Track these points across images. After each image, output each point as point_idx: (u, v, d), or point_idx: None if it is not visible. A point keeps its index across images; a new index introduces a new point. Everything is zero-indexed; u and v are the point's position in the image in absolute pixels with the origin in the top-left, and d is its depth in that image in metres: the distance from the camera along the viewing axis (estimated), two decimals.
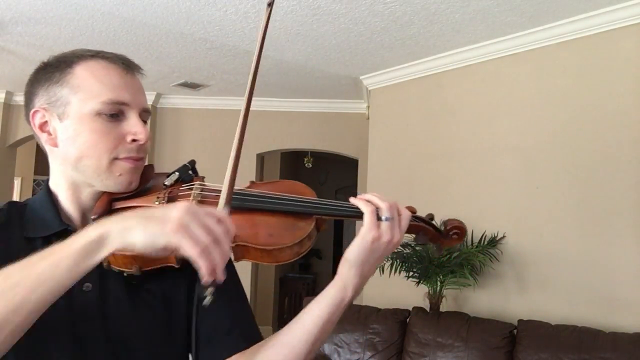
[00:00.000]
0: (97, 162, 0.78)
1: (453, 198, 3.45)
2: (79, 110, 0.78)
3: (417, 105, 3.81)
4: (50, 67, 0.81)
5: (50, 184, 0.85)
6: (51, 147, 0.81)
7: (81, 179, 0.81)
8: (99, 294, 0.77)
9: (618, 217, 2.74)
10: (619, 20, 2.78)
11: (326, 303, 0.78)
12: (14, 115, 5.41)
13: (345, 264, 0.79)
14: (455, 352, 2.83)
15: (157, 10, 3.03)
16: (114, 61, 0.81)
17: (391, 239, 0.78)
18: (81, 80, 0.78)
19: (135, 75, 0.83)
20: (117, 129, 0.79)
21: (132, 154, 0.80)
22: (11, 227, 0.79)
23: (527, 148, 3.14)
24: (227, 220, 0.64)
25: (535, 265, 3.01)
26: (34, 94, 0.81)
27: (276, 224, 0.79)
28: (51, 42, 3.67)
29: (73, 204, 0.83)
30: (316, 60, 3.80)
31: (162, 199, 0.80)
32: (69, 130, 0.78)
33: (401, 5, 2.83)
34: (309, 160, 6.38)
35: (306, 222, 0.81)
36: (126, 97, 0.79)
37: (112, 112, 0.78)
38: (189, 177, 0.85)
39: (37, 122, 0.80)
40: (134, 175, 0.82)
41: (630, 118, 2.74)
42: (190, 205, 0.62)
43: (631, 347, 2.42)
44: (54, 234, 0.78)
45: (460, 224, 0.89)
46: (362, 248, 0.77)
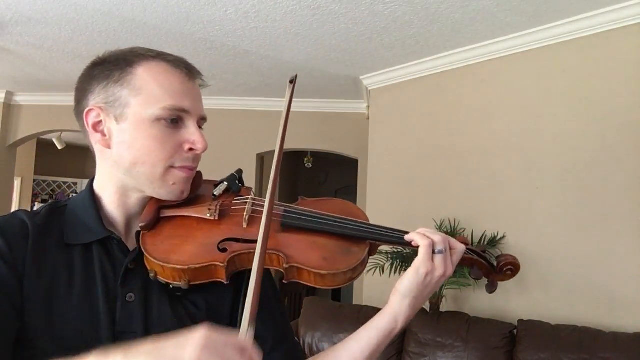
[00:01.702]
0: (152, 170, 0.75)
1: (453, 198, 3.45)
2: (138, 114, 0.75)
3: (417, 105, 3.81)
4: (109, 64, 0.77)
5: (94, 185, 0.82)
6: (102, 148, 0.77)
7: (132, 184, 0.78)
8: (142, 305, 0.73)
9: (618, 217, 2.74)
10: (619, 20, 2.78)
11: (376, 333, 0.78)
12: (14, 115, 5.41)
13: (397, 295, 0.79)
14: (455, 352, 2.83)
15: (157, 10, 3.03)
16: (177, 65, 0.78)
17: (444, 273, 0.78)
18: (143, 83, 0.75)
19: (196, 81, 0.80)
20: (176, 137, 0.76)
21: (187, 163, 0.78)
22: (49, 232, 0.75)
23: (527, 148, 3.14)
24: (253, 350, 0.53)
25: (535, 265, 3.01)
26: (89, 91, 0.77)
27: (331, 248, 0.78)
28: (51, 42, 3.67)
29: (119, 209, 0.79)
30: (316, 60, 3.80)
31: (214, 211, 0.78)
32: (125, 134, 0.75)
33: (401, 5, 2.83)
34: (309, 160, 6.39)
35: (360, 247, 0.79)
36: (187, 104, 0.76)
37: (172, 118, 0.75)
38: (237, 188, 0.84)
39: (91, 121, 0.77)
40: (187, 184, 0.80)
41: (630, 118, 2.74)
42: (212, 335, 0.50)
43: (631, 347, 2.42)
44: (95, 241, 0.76)
45: (515, 260, 0.87)
46: (415, 281, 0.77)
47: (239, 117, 5.09)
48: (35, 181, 8.37)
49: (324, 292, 8.06)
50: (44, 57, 4.00)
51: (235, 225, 0.79)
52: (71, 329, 0.69)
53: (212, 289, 0.77)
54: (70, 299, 0.71)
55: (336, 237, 0.79)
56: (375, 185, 4.03)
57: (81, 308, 0.71)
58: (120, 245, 0.77)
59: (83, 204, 0.80)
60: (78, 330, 0.69)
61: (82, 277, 0.73)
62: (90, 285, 0.72)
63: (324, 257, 0.76)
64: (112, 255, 0.76)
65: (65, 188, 8.88)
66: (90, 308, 0.71)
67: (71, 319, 0.70)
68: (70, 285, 0.72)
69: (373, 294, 3.70)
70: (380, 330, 0.78)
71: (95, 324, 0.70)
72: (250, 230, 0.78)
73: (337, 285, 0.76)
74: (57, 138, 6.69)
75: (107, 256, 0.76)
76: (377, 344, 0.78)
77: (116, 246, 0.77)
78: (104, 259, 0.75)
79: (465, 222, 3.29)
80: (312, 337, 3.26)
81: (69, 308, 0.70)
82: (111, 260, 0.75)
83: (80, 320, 0.70)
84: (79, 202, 0.81)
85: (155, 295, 0.75)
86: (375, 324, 0.79)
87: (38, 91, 5.21)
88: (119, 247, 0.77)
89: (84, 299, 0.71)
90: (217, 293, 0.78)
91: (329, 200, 0.88)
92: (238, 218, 0.79)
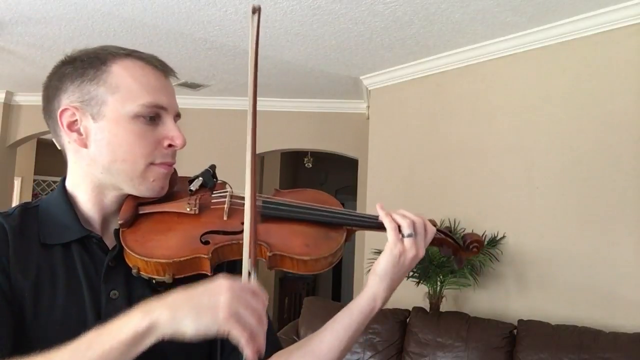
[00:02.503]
0: (133, 167, 0.75)
1: (453, 198, 3.45)
2: (116, 111, 0.74)
3: (417, 105, 3.81)
4: (81, 62, 0.77)
5: (67, 184, 0.80)
6: (78, 147, 0.77)
7: (109, 182, 0.77)
8: (126, 301, 0.73)
9: (618, 217, 2.74)
10: (619, 20, 2.77)
11: (358, 312, 0.81)
12: (14, 115, 5.41)
13: (374, 277, 0.82)
14: (455, 352, 2.83)
15: (157, 10, 3.03)
16: (150, 62, 0.78)
17: (416, 254, 0.81)
18: (119, 80, 0.75)
19: (170, 78, 0.81)
20: (154, 133, 0.76)
21: (167, 159, 0.78)
22: (26, 233, 0.74)
23: (527, 148, 3.14)
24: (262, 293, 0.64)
25: (535, 265, 3.01)
26: (62, 90, 0.76)
27: (311, 234, 0.80)
28: (51, 42, 3.67)
29: (95, 207, 0.79)
30: (316, 60, 3.80)
31: (193, 205, 0.79)
32: (104, 131, 0.74)
33: (401, 5, 2.83)
34: (309, 160, 6.38)
35: (338, 232, 0.82)
36: (164, 100, 0.77)
37: (151, 115, 0.75)
38: (212, 182, 0.84)
39: (66, 120, 0.76)
40: (166, 180, 0.80)
41: (630, 118, 2.74)
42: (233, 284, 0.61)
43: (631, 347, 2.42)
44: (74, 240, 0.75)
45: (479, 238, 0.93)
46: (388, 262, 0.81)
47: (239, 117, 5.08)
48: (35, 181, 8.37)
49: (324, 292, 8.07)
50: (44, 57, 4.00)
51: (216, 218, 0.80)
52: (58, 328, 0.69)
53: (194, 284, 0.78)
54: (56, 296, 0.71)
55: (315, 225, 0.82)
56: (375, 185, 4.03)
57: (67, 307, 0.71)
58: (99, 243, 0.77)
59: (57, 203, 0.79)
60: (65, 329, 0.68)
61: (65, 277, 0.73)
62: (74, 284, 0.73)
63: (306, 244, 0.78)
64: (92, 253, 0.76)
65: None
66: (76, 304, 0.71)
67: (58, 315, 0.70)
68: (54, 285, 0.72)
69: None
70: (360, 310, 0.81)
71: (82, 322, 0.70)
72: (230, 222, 0.79)
73: (318, 271, 0.79)
74: None
75: (88, 255, 0.75)
76: (359, 322, 0.81)
77: (95, 245, 0.76)
78: (84, 257, 0.75)
79: (465, 222, 3.29)
80: None
81: (56, 305, 0.70)
82: (92, 259, 0.75)
83: (67, 318, 0.70)
84: (51, 202, 0.80)
85: (138, 291, 0.75)
86: (356, 304, 0.82)
87: (38, 91, 5.10)
88: (98, 245, 0.76)
89: (69, 298, 0.71)
90: None
91: (304, 191, 0.90)
92: (218, 211, 0.81)
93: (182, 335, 0.59)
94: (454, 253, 0.93)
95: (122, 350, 0.58)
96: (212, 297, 0.59)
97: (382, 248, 0.83)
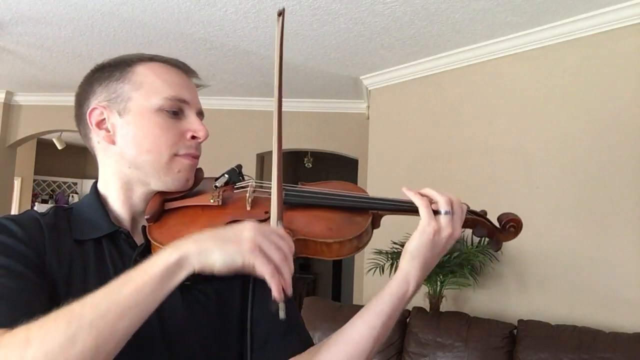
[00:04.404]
0: (158, 157, 0.78)
1: None
2: (140, 106, 0.78)
3: (417, 105, 3.81)
4: (109, 66, 0.81)
5: (99, 185, 0.84)
6: (107, 145, 0.80)
7: (136, 177, 0.80)
8: None
9: (618, 217, 2.74)
10: (619, 20, 2.78)
11: (389, 298, 0.76)
12: (14, 115, 5.41)
13: (406, 257, 0.77)
14: (455, 352, 2.83)
15: (157, 10, 3.03)
16: (173, 64, 0.83)
17: (452, 233, 0.77)
18: (143, 77, 0.79)
19: (192, 78, 0.85)
20: (178, 126, 0.79)
21: (191, 150, 0.81)
22: (59, 230, 0.77)
23: (527, 148, 3.14)
24: (289, 238, 0.67)
25: (535, 265, 3.01)
26: (91, 93, 0.81)
27: (335, 218, 0.80)
28: (51, 42, 3.67)
29: (124, 205, 0.81)
30: (316, 60, 3.80)
31: (217, 197, 0.81)
32: (129, 125, 0.78)
33: (401, 5, 2.83)
34: (309, 160, 6.38)
35: (363, 217, 0.81)
36: (186, 95, 0.80)
37: (174, 109, 0.79)
38: (237, 180, 0.86)
39: (95, 119, 0.79)
40: (191, 172, 0.82)
41: (630, 118, 2.74)
42: (258, 224, 0.65)
43: (631, 347, 2.42)
44: (104, 235, 0.77)
45: (516, 217, 0.87)
46: (422, 241, 0.76)
47: (239, 117, 5.09)
48: (35, 181, 8.37)
49: (324, 292, 8.06)
50: (43, 57, 4.00)
51: (239, 209, 0.81)
52: None
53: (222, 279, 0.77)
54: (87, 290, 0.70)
55: (339, 210, 0.81)
56: (375, 185, 4.03)
57: None
58: (128, 239, 0.79)
59: (89, 204, 0.82)
60: None
61: (95, 271, 0.74)
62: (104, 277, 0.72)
63: (329, 228, 0.78)
64: (121, 249, 0.78)
65: (65, 188, 8.88)
66: None
67: None
68: (86, 277, 0.73)
69: (373, 294, 3.69)
70: (392, 294, 0.76)
71: None
72: (253, 211, 0.80)
73: (344, 255, 0.77)
74: (57, 138, 6.69)
75: (116, 250, 0.77)
76: (391, 308, 0.76)
77: (124, 240, 0.78)
78: (113, 252, 0.77)
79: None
80: (312, 337, 3.24)
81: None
82: (120, 254, 0.77)
83: None
84: (84, 203, 0.83)
85: None
86: (387, 288, 0.78)
87: (38, 91, 5.21)
88: (126, 241, 0.79)
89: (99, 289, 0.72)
90: (226, 282, 0.79)
91: (328, 182, 0.90)
92: (241, 201, 0.82)
93: (211, 268, 0.62)
94: (489, 235, 0.88)
95: (154, 286, 0.60)
96: (238, 232, 0.64)
97: (382, 248, 0.82)
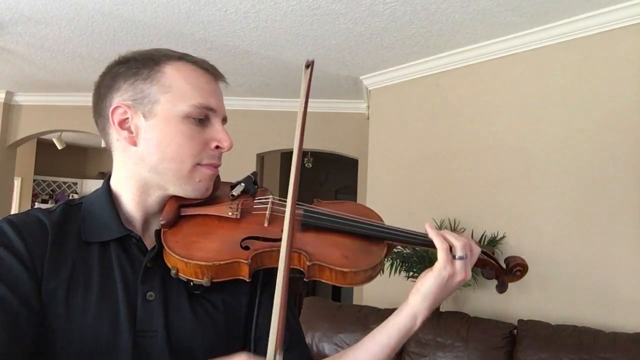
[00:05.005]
0: (180, 166, 0.76)
1: (453, 198, 3.45)
2: (167, 111, 0.75)
3: (417, 105, 3.81)
4: (135, 61, 0.78)
5: (112, 182, 0.81)
6: (126, 145, 0.77)
7: (155, 181, 0.78)
8: (162, 304, 0.73)
9: (618, 217, 2.74)
10: (619, 20, 2.77)
11: (396, 332, 0.80)
12: (14, 115, 5.41)
13: (418, 296, 0.81)
14: (455, 352, 2.83)
15: (157, 10, 3.03)
16: (202, 66, 0.80)
17: (464, 277, 0.80)
18: (172, 81, 0.76)
19: (219, 82, 0.83)
20: (203, 135, 0.78)
21: (213, 160, 0.79)
22: (67, 228, 0.75)
23: (527, 148, 3.14)
24: None
25: (535, 265, 2.99)
26: (114, 89, 0.77)
27: (351, 247, 0.80)
28: (51, 42, 3.67)
29: (138, 207, 0.79)
30: (316, 60, 3.78)
31: (235, 210, 0.80)
32: (154, 130, 0.75)
33: (401, 5, 2.83)
34: (309, 160, 6.38)
35: (379, 246, 0.81)
36: (213, 102, 0.79)
37: (200, 117, 0.77)
38: (253, 189, 0.85)
39: (117, 118, 0.76)
40: (211, 182, 0.81)
41: (630, 118, 2.74)
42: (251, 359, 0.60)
43: (631, 347, 2.42)
44: (113, 239, 0.75)
45: (523, 262, 0.89)
46: (436, 284, 0.79)
47: (239, 117, 5.07)
48: (35, 181, 8.37)
49: (324, 292, 8.06)
50: (43, 57, 4.00)
51: (256, 224, 0.80)
52: (91, 328, 0.69)
53: (229, 289, 0.78)
54: (89, 298, 0.70)
55: (355, 237, 0.81)
56: (375, 185, 4.03)
57: (100, 307, 0.70)
58: (138, 243, 0.77)
59: (100, 201, 0.79)
60: (97, 329, 0.69)
61: (100, 276, 0.72)
62: (109, 284, 0.72)
63: (345, 256, 0.78)
64: (130, 253, 0.76)
65: (65, 188, 8.88)
66: (109, 307, 0.71)
67: (90, 318, 0.69)
68: (89, 284, 0.71)
69: (373, 294, 3.69)
70: (400, 329, 0.80)
71: (115, 323, 0.70)
72: (271, 229, 0.79)
73: (357, 284, 0.78)
74: (57, 138, 6.69)
75: (125, 254, 0.75)
76: (397, 341, 0.80)
77: (134, 245, 0.77)
78: (122, 257, 0.75)
79: (465, 222, 3.29)
80: (312, 337, 3.26)
81: (88, 307, 0.70)
82: (129, 259, 0.75)
83: (99, 319, 0.69)
84: (95, 200, 0.80)
85: (174, 294, 0.75)
86: (395, 323, 0.80)
87: (38, 91, 5.20)
88: (137, 245, 0.77)
89: (103, 298, 0.71)
90: (234, 293, 0.79)
91: (344, 203, 0.90)
92: (259, 217, 0.81)
93: None
94: (496, 276, 0.89)
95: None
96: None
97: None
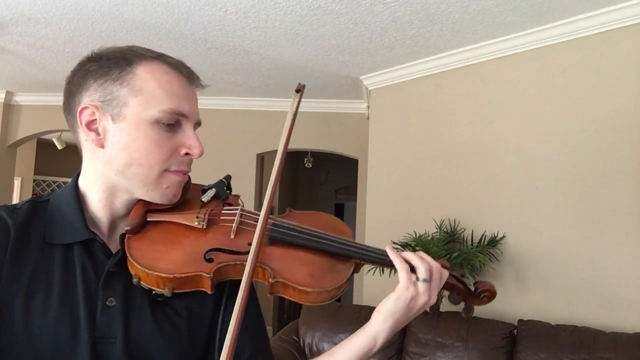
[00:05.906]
0: (147, 172, 0.74)
1: (453, 198, 3.45)
2: (136, 115, 0.73)
3: (417, 105, 3.81)
4: (107, 60, 0.75)
5: (80, 182, 0.79)
6: (94, 147, 0.75)
7: (122, 185, 0.76)
8: (123, 310, 0.72)
9: (618, 217, 2.74)
10: (619, 20, 2.77)
11: (355, 352, 0.79)
12: (14, 115, 5.41)
13: (378, 316, 0.79)
14: (455, 352, 2.83)
15: (157, 10, 3.03)
16: (177, 68, 0.77)
17: (428, 300, 0.78)
18: (143, 83, 0.74)
19: (194, 85, 0.80)
20: (173, 140, 0.75)
21: (182, 167, 0.77)
22: (30, 229, 0.73)
23: (527, 148, 3.14)
24: None
25: (535, 265, 3.01)
26: (84, 87, 0.75)
27: (318, 264, 0.78)
28: (51, 42, 3.67)
29: (104, 209, 0.77)
30: (316, 60, 3.80)
31: (202, 219, 0.78)
32: (122, 134, 0.73)
33: (401, 5, 2.83)
34: (309, 160, 6.38)
35: (346, 265, 0.80)
36: (186, 108, 0.76)
37: (170, 122, 0.74)
38: (225, 194, 0.83)
39: (85, 119, 0.74)
40: (179, 188, 0.79)
41: (630, 118, 2.74)
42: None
43: (631, 347, 2.42)
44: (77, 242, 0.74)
45: (492, 287, 0.88)
46: (398, 305, 0.78)
47: (239, 117, 5.09)
48: (35, 181, 8.37)
49: None
50: (44, 57, 4.00)
51: (222, 235, 0.78)
52: (49, 334, 0.67)
53: (194, 296, 0.76)
54: (49, 303, 0.69)
55: (323, 254, 0.79)
56: (375, 185, 4.03)
57: (60, 311, 0.69)
58: (103, 247, 0.75)
59: (67, 201, 0.77)
60: (56, 333, 0.67)
61: (61, 279, 0.71)
62: (70, 288, 0.71)
63: (311, 274, 0.76)
64: (94, 257, 0.74)
65: None
66: (69, 311, 0.69)
67: (49, 322, 0.68)
68: (49, 289, 0.70)
69: (373, 294, 3.69)
70: (360, 349, 0.78)
71: (75, 327, 0.69)
72: (237, 241, 0.77)
73: (319, 303, 0.76)
74: (57, 138, 6.69)
75: (89, 258, 0.74)
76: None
77: (98, 248, 0.75)
78: (85, 260, 0.73)
79: (465, 222, 3.29)
80: (312, 337, 3.25)
81: (48, 313, 0.68)
82: (93, 262, 0.74)
83: (58, 323, 0.68)
84: (62, 198, 0.78)
85: (136, 300, 0.73)
86: (355, 342, 0.79)
87: (38, 91, 5.20)
88: (101, 249, 0.75)
89: (63, 302, 0.70)
90: (198, 300, 0.77)
91: (318, 215, 0.88)
92: (226, 228, 0.79)
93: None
94: (463, 299, 0.89)
95: None
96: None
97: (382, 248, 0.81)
